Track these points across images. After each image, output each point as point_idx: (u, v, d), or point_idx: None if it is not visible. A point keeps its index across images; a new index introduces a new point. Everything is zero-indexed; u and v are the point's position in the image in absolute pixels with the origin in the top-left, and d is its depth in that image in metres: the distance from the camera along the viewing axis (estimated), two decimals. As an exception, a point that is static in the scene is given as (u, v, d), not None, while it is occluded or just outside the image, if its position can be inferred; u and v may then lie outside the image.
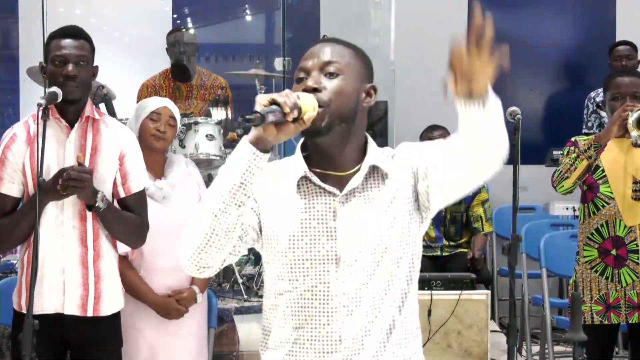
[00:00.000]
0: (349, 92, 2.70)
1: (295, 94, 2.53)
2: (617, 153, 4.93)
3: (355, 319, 2.69)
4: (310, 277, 2.70)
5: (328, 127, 2.64)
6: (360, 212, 2.70)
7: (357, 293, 2.68)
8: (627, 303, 4.90)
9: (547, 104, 9.47)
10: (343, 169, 2.74)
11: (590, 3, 9.44)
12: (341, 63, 2.72)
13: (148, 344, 4.74)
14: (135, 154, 4.30)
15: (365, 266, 2.69)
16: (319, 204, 2.71)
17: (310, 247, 2.70)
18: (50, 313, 4.10)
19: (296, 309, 2.72)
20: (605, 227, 4.92)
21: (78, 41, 4.15)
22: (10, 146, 4.16)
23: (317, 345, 2.70)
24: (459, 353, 6.37)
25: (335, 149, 2.72)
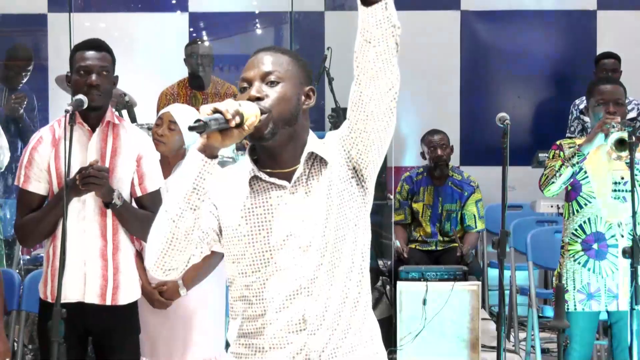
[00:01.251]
0: (289, 97, 2.72)
1: (237, 102, 2.55)
2: (599, 157, 4.93)
3: (314, 298, 2.71)
4: (271, 266, 2.71)
5: (272, 132, 2.67)
6: (307, 200, 2.73)
7: (314, 274, 2.70)
8: (607, 292, 4.90)
9: (533, 110, 9.46)
10: (288, 166, 2.76)
11: (573, 17, 9.43)
12: (280, 71, 2.73)
13: (166, 331, 4.70)
14: (151, 157, 4.32)
15: (318, 249, 2.71)
16: (271, 199, 2.73)
17: (267, 239, 2.71)
18: (72, 302, 4.10)
19: (261, 297, 2.73)
20: (588, 223, 4.92)
21: (100, 53, 4.16)
22: (37, 148, 4.18)
23: (284, 327, 2.71)
24: (452, 339, 6.37)
25: (281, 149, 2.74)
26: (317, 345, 2.72)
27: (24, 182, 4.19)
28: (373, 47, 2.53)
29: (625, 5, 9.32)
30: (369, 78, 2.58)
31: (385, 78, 2.58)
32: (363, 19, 2.51)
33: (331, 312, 2.73)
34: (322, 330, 2.72)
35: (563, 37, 9.52)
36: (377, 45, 2.53)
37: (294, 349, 2.72)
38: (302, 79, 2.81)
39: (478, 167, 8.73)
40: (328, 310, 2.72)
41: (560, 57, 9.48)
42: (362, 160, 2.75)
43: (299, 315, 2.71)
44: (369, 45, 2.53)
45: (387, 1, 2.47)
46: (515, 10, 9.41)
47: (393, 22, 2.51)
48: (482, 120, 9.17)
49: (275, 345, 2.73)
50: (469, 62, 9.40)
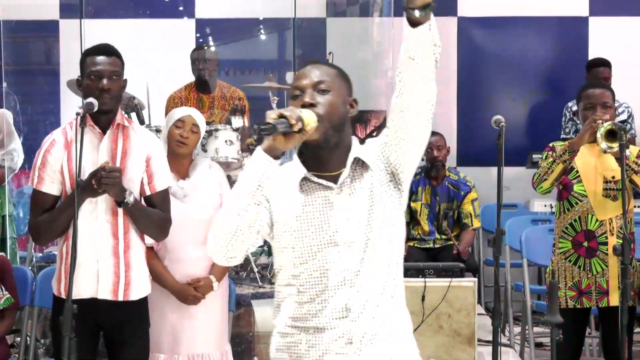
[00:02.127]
0: (338, 105, 2.92)
1: (298, 109, 2.77)
2: (590, 157, 4.94)
3: (356, 289, 2.89)
4: (318, 259, 2.90)
5: (326, 140, 2.88)
6: (351, 200, 2.91)
7: (357, 267, 2.89)
8: (597, 289, 4.90)
9: (527, 112, 9.46)
10: (334, 170, 2.94)
11: (566, 23, 9.43)
12: (330, 81, 2.93)
13: (172, 325, 4.74)
14: (160, 157, 4.32)
15: (360, 244, 2.89)
16: (318, 198, 2.91)
17: (314, 235, 2.89)
18: (85, 298, 4.11)
19: (307, 287, 2.91)
20: (579, 221, 4.92)
21: (110, 58, 4.16)
22: (50, 150, 4.18)
23: (328, 314, 2.89)
24: (449, 334, 6.36)
25: (329, 154, 2.94)
26: (358, 331, 2.90)
27: (37, 183, 4.19)
28: (416, 64, 2.71)
29: (616, 12, 9.33)
30: (410, 91, 2.77)
31: (425, 91, 2.78)
32: (408, 37, 2.68)
33: (371, 302, 2.91)
34: (363, 318, 2.90)
35: (556, 43, 9.52)
36: (419, 62, 2.71)
37: (337, 333, 2.90)
38: (347, 91, 3.01)
39: (474, 167, 8.73)
40: (368, 300, 2.90)
41: (553, 62, 9.48)
42: (400, 165, 2.94)
43: (342, 304, 2.89)
44: (412, 61, 2.71)
45: (431, 23, 2.65)
46: (511, 17, 9.41)
47: (435, 41, 2.70)
48: (478, 122, 9.16)
49: (320, 329, 2.91)
50: (466, 67, 9.40)
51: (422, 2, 2.60)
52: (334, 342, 2.90)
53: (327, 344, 2.91)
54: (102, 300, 4.16)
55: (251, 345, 6.19)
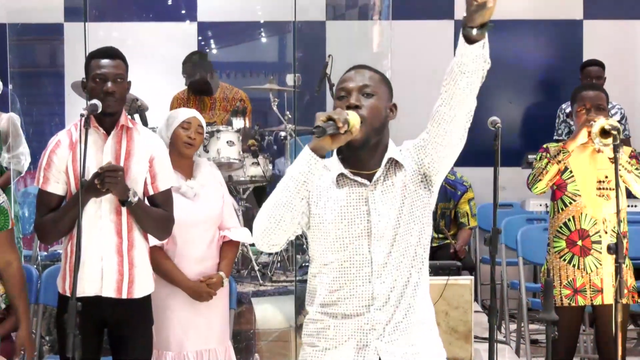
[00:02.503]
0: (380, 109, 3.11)
1: (345, 112, 2.92)
2: (584, 157, 4.95)
3: (382, 280, 3.09)
4: (349, 250, 3.10)
5: (367, 141, 3.06)
6: (384, 197, 3.11)
7: (384, 260, 3.09)
8: (592, 287, 4.90)
9: (523, 114, 9.47)
10: (370, 169, 3.14)
11: (560, 27, 9.44)
12: (374, 86, 3.12)
13: (180, 323, 4.75)
14: (163, 158, 4.32)
15: (389, 239, 3.09)
16: (353, 194, 3.11)
17: (348, 227, 3.10)
18: (90, 295, 4.12)
19: (338, 275, 3.12)
20: (572, 221, 4.92)
21: (115, 61, 4.17)
22: (55, 151, 4.19)
23: (355, 302, 3.10)
24: (446, 331, 6.37)
25: (368, 154, 3.13)
26: (382, 319, 3.09)
27: (43, 183, 4.19)
28: (466, 78, 2.88)
29: (610, 15, 9.34)
30: (456, 102, 2.94)
31: (469, 103, 2.97)
32: (463, 53, 2.83)
33: (395, 293, 3.10)
34: (387, 307, 3.09)
35: (551, 46, 9.54)
36: (469, 77, 2.88)
37: (363, 320, 3.10)
38: (388, 95, 3.19)
39: (471, 167, 8.71)
40: (393, 291, 3.09)
41: (548, 64, 9.50)
42: (433, 168, 3.14)
43: (369, 293, 3.09)
44: (463, 75, 2.87)
45: (485, 42, 2.81)
46: (506, 20, 9.40)
47: (486, 58, 2.87)
48: (475, 123, 9.10)
49: (347, 315, 3.12)
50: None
51: (480, 21, 2.74)
52: (359, 328, 3.10)
53: (353, 330, 3.11)
54: (106, 298, 4.17)
55: (252, 342, 6.19)
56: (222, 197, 4.91)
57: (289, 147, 7.39)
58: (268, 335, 6.32)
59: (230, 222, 4.96)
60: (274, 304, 6.45)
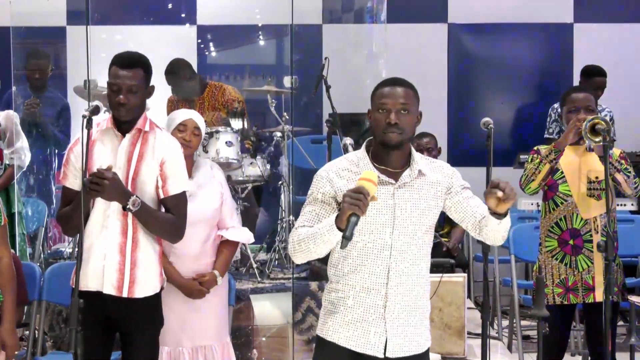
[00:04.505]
0: (413, 122, 3.60)
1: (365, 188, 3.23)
2: (574, 157, 4.94)
3: (400, 263, 3.55)
4: (374, 235, 3.53)
5: (401, 144, 3.54)
6: (407, 197, 3.56)
7: (402, 247, 3.55)
8: (584, 286, 4.89)
9: (515, 115, 9.48)
10: (396, 167, 3.59)
11: (551, 30, 9.44)
12: (410, 103, 3.56)
13: (176, 318, 4.73)
14: (175, 161, 4.26)
15: (410, 230, 3.55)
16: (382, 189, 3.51)
17: (375, 216, 3.51)
18: (92, 290, 4.12)
19: (362, 253, 3.55)
20: (564, 220, 4.91)
21: (132, 71, 4.14)
22: (73, 148, 4.25)
23: (373, 279, 3.55)
24: (440, 327, 6.36)
25: (396, 155, 3.58)
26: (394, 294, 3.56)
27: (63, 178, 4.27)
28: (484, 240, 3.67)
29: (600, 19, 9.34)
30: None
31: None
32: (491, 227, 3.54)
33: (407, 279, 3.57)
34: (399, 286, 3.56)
35: (542, 48, 9.54)
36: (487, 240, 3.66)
37: (377, 293, 3.55)
38: (417, 106, 3.64)
39: (464, 167, 8.63)
40: (405, 276, 3.56)
41: (540, 67, 9.50)
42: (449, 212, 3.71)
43: (385, 273, 3.54)
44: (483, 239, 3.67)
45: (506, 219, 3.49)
46: (499, 23, 9.42)
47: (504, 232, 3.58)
48: (468, 124, 9.17)
49: (364, 287, 3.56)
50: (456, 71, 9.42)
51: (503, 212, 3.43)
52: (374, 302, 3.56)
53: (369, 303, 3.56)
54: (107, 295, 4.15)
55: (250, 338, 6.19)
56: (220, 197, 4.89)
57: (287, 147, 7.38)
58: (266, 331, 6.32)
59: (229, 222, 4.94)
60: (272, 300, 6.44)
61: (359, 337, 3.58)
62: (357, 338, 3.58)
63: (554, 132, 8.00)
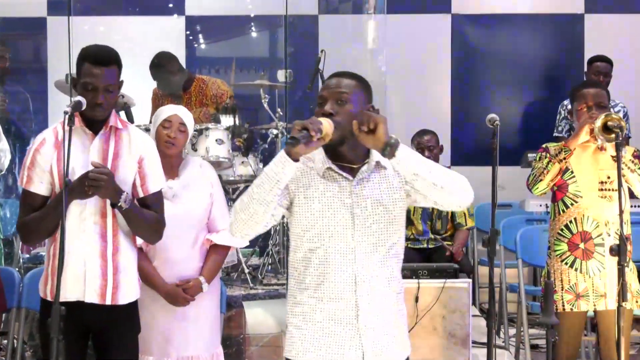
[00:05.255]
0: (355, 113, 3.41)
1: (319, 120, 3.30)
2: (585, 157, 4.93)
3: (365, 266, 3.47)
4: (334, 238, 3.46)
5: (341, 141, 3.44)
6: (367, 192, 3.49)
7: (366, 249, 3.47)
8: (595, 292, 4.89)
9: (522, 111, 9.48)
10: (353, 163, 3.50)
11: (561, 21, 9.45)
12: (349, 92, 3.47)
13: (161, 327, 4.72)
14: (153, 158, 4.28)
15: (374, 229, 3.49)
16: (339, 187, 3.48)
17: (333, 217, 3.46)
18: (72, 301, 4.07)
19: (323, 260, 3.47)
20: (574, 223, 4.91)
21: (108, 68, 4.10)
22: (40, 149, 4.14)
23: (340, 287, 3.46)
24: (443, 335, 6.36)
25: (347, 151, 3.49)
26: (363, 304, 3.46)
27: (26, 182, 4.15)
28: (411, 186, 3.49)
29: (612, 9, 9.35)
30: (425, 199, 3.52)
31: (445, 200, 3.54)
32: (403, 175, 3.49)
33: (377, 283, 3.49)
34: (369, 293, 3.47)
35: (551, 40, 9.54)
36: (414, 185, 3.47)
37: (346, 303, 3.46)
38: (365, 98, 3.53)
39: (468, 167, 8.73)
40: (374, 280, 3.47)
41: (548, 60, 9.51)
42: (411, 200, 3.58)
43: (352, 279, 3.45)
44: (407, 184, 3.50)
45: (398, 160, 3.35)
46: (505, 14, 9.43)
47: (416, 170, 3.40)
48: (473, 121, 9.18)
49: (332, 298, 3.47)
50: (460, 64, 9.42)
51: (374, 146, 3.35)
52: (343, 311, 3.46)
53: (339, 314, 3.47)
54: (88, 304, 4.13)
55: (242, 348, 6.18)
56: (209, 197, 4.85)
57: (281, 145, 7.37)
58: (258, 340, 6.31)
59: (221, 224, 4.88)
60: (265, 307, 6.44)
61: (334, 354, 3.49)
62: (331, 356, 3.49)
63: (564, 131, 8.02)
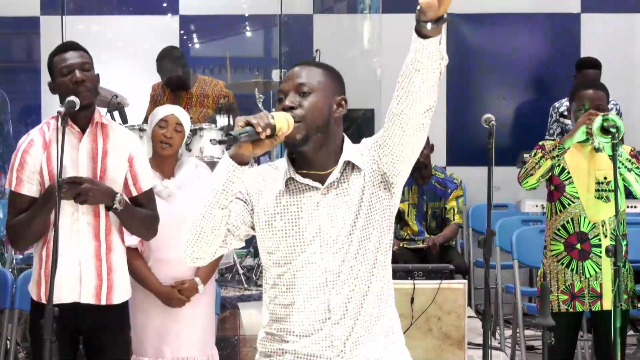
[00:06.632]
0: (320, 106, 2.95)
1: (270, 114, 2.79)
2: (582, 157, 4.95)
3: (337, 291, 2.94)
4: (301, 260, 2.95)
5: (305, 139, 2.92)
6: (337, 202, 2.97)
7: (338, 268, 2.94)
8: (591, 293, 4.90)
9: (518, 111, 9.49)
10: (323, 169, 2.99)
11: (557, 20, 9.46)
12: (313, 83, 2.96)
13: (156, 328, 4.73)
14: (142, 156, 4.31)
15: (343, 246, 2.94)
16: (304, 198, 2.97)
17: (299, 235, 2.96)
18: (67, 302, 4.08)
19: (291, 287, 2.97)
20: (571, 223, 4.92)
21: (77, 52, 4.15)
22: (29, 150, 4.14)
23: (311, 317, 2.95)
24: (439, 337, 6.37)
25: (314, 154, 2.97)
26: (340, 334, 2.94)
27: (16, 185, 4.14)
28: (421, 75, 2.71)
29: (608, 9, 9.36)
30: (411, 100, 2.78)
31: (427, 100, 2.80)
32: (417, 49, 2.67)
33: (354, 304, 2.95)
34: (346, 320, 2.95)
35: (547, 40, 9.56)
36: (425, 74, 2.71)
37: (320, 336, 2.95)
38: (335, 90, 3.01)
39: (464, 167, 8.75)
40: (351, 302, 2.95)
41: (545, 60, 9.52)
42: (393, 168, 2.96)
43: (325, 306, 2.94)
44: (418, 72, 2.71)
45: (441, 37, 2.65)
46: (501, 14, 9.43)
47: (443, 54, 2.69)
48: (468, 121, 9.19)
49: (304, 330, 2.96)
50: (455, 65, 9.39)
51: (434, 15, 2.57)
52: (316, 345, 2.96)
53: (310, 346, 2.96)
54: (83, 305, 4.13)
55: (237, 349, 6.18)
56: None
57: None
58: (253, 341, 6.26)
59: None
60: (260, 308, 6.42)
61: None
62: None
63: (555, 133, 8.02)
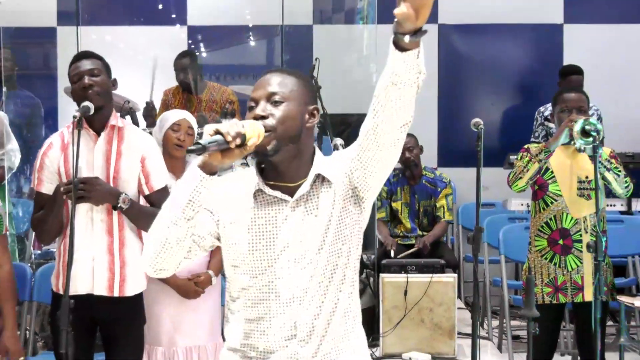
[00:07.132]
0: (292, 116, 2.70)
1: (240, 123, 2.55)
2: (564, 157, 4.96)
3: (305, 307, 2.70)
4: (267, 275, 2.71)
5: (275, 149, 2.66)
6: (307, 216, 2.72)
7: (306, 284, 2.70)
8: (573, 285, 4.90)
9: (505, 116, 9.49)
10: (293, 181, 2.75)
11: (541, 31, 9.47)
12: (285, 92, 2.72)
13: (171, 318, 4.75)
14: (155, 157, 4.30)
15: (311, 262, 2.70)
16: (273, 211, 2.72)
17: (266, 249, 2.71)
18: (82, 294, 4.10)
19: (256, 302, 2.73)
20: (554, 220, 4.93)
21: (89, 60, 4.17)
22: (47, 153, 4.20)
23: (277, 333, 2.71)
24: (430, 327, 6.38)
25: (285, 165, 2.73)
26: (307, 352, 2.71)
27: (37, 184, 4.21)
28: (398, 89, 2.45)
29: (590, 20, 9.37)
30: (388, 115, 2.52)
31: (404, 115, 2.53)
32: (394, 62, 2.42)
33: (321, 321, 2.72)
34: (313, 338, 2.71)
35: (532, 49, 9.56)
36: (402, 88, 2.45)
37: (286, 354, 2.71)
38: (307, 99, 2.77)
39: (454, 168, 8.76)
40: (318, 319, 2.71)
41: (530, 67, 9.52)
42: (365, 183, 2.71)
43: (291, 323, 2.70)
44: (395, 86, 2.45)
45: (419, 50, 2.40)
46: (489, 24, 9.44)
47: (421, 68, 2.44)
48: (458, 125, 9.19)
49: (269, 348, 2.72)
50: (446, 72, 9.44)
51: (412, 27, 2.32)
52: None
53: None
54: (97, 297, 4.15)
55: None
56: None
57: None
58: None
59: None
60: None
61: None
62: None
63: (540, 136, 8.03)
